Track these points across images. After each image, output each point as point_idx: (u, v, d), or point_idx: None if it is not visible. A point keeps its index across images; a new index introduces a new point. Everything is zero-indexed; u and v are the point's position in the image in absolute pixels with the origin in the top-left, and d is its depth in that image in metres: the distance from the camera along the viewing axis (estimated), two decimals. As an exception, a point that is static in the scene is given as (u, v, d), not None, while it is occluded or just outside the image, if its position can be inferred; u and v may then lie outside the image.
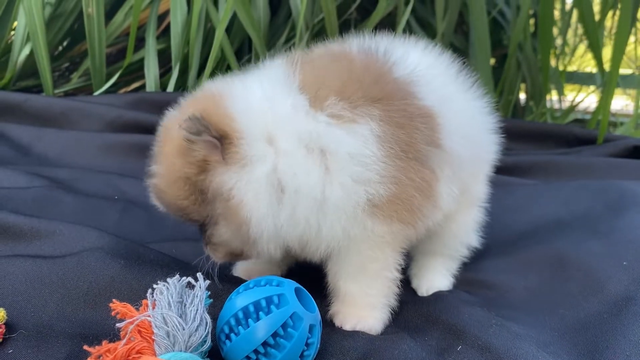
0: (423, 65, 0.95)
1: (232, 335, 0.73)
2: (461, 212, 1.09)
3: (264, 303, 0.73)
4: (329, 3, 1.89)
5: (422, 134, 0.87)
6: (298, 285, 0.78)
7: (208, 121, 0.80)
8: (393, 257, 0.92)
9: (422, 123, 0.87)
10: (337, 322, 0.91)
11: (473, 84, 1.08)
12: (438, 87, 0.94)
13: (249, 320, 0.73)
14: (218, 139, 0.81)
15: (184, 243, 1.18)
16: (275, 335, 0.72)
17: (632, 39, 3.28)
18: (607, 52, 2.57)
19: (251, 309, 0.73)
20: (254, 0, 2.01)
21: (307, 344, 0.74)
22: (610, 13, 2.63)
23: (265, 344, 0.72)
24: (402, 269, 0.96)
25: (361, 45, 0.96)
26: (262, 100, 0.85)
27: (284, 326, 0.72)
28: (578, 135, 2.34)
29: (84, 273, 0.92)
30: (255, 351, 0.72)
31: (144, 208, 1.32)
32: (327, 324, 0.91)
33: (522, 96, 2.96)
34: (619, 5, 2.22)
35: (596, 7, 2.62)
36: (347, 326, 0.90)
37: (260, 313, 0.73)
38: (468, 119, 1.01)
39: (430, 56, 1.02)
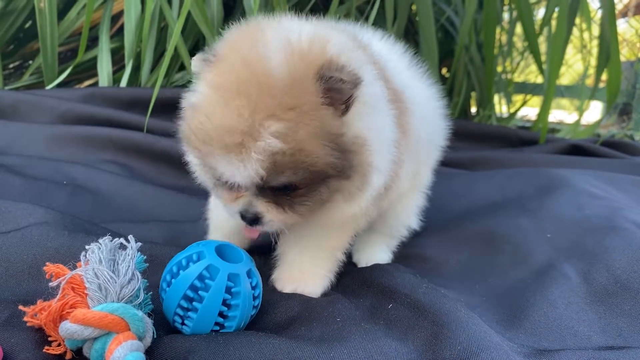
0: (385, 51, 1.00)
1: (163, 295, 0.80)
2: (405, 194, 1.14)
3: (184, 262, 0.79)
4: (281, 4, 1.95)
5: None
6: (225, 242, 0.83)
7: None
8: (349, 240, 0.98)
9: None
10: (279, 287, 0.95)
11: (424, 73, 1.14)
12: (400, 72, 0.99)
13: (173, 279, 0.78)
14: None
15: (130, 224, 1.20)
16: (195, 289, 0.76)
17: (578, 55, 3.48)
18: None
19: (174, 269, 0.79)
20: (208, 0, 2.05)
21: (231, 293, 0.77)
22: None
23: (188, 298, 0.76)
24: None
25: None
26: None
27: (201, 278, 0.76)
28: (521, 137, 2.46)
29: (28, 246, 0.93)
30: (181, 307, 0.77)
31: (92, 192, 1.33)
32: (268, 288, 0.95)
33: (474, 109, 3.08)
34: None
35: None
36: (288, 289, 0.94)
37: (180, 271, 0.78)
38: (425, 104, 1.07)
39: (388, 43, 1.08)
